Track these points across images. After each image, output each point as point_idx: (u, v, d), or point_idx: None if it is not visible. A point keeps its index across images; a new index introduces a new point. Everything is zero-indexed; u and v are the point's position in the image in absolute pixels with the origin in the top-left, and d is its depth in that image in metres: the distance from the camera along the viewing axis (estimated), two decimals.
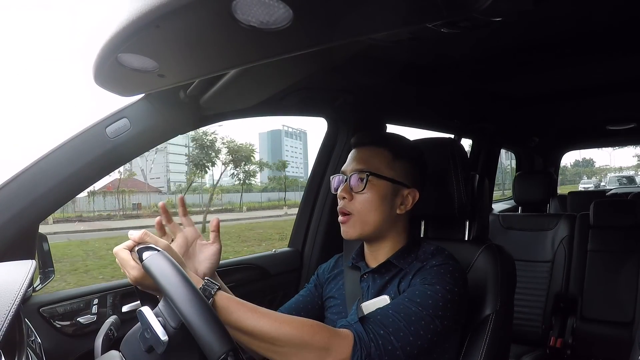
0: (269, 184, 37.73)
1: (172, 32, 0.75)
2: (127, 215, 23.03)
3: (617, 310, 2.52)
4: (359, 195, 1.10)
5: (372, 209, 1.10)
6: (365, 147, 1.15)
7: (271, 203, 30.14)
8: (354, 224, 1.11)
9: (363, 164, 1.11)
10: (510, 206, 4.19)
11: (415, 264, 1.10)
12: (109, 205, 24.59)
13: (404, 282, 1.08)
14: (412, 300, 0.97)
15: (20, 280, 0.72)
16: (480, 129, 2.94)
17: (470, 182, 1.31)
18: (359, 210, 1.10)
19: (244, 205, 26.98)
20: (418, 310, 0.95)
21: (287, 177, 35.25)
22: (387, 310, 0.96)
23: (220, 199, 26.08)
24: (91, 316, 1.29)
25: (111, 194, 24.36)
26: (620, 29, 1.34)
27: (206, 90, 1.27)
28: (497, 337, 1.14)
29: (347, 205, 1.10)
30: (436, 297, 0.97)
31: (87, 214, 22.68)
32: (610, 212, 2.76)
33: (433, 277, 1.01)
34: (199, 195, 28.82)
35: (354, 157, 1.15)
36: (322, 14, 0.70)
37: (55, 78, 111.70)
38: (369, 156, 1.13)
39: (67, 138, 1.22)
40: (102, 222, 19.77)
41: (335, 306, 1.22)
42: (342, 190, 1.11)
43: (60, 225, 16.47)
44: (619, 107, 2.62)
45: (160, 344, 0.76)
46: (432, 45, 1.32)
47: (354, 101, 1.79)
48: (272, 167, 35.34)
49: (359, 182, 1.10)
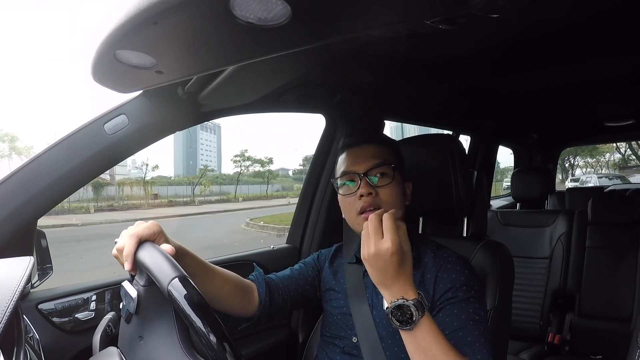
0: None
1: (170, 28, 0.75)
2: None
3: (615, 306, 2.53)
4: (383, 189, 1.12)
5: (398, 199, 1.13)
6: (368, 145, 1.17)
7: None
8: None
9: (379, 158, 1.13)
10: (509, 203, 4.20)
11: (426, 262, 1.13)
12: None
13: (427, 284, 1.10)
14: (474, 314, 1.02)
15: (19, 277, 0.73)
16: (478, 126, 2.94)
17: (468, 179, 1.31)
18: (387, 203, 1.11)
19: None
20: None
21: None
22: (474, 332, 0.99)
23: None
24: (89, 312, 1.29)
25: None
26: (619, 26, 1.34)
27: (204, 87, 1.27)
28: (495, 334, 1.15)
29: (374, 200, 1.11)
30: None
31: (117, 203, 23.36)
32: (609, 209, 2.76)
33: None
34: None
35: (362, 155, 1.15)
36: (320, 10, 0.70)
37: (53, 75, 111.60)
38: (380, 152, 1.15)
39: (66, 134, 1.22)
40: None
41: (335, 299, 1.23)
42: (364, 187, 1.11)
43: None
44: (617, 103, 2.62)
45: (131, 301, 0.87)
46: (430, 41, 1.31)
47: (352, 98, 1.79)
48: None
49: (384, 176, 1.13)
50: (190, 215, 21.14)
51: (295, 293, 1.26)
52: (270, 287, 1.22)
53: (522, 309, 2.63)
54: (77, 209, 21.14)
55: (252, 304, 1.19)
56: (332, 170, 1.93)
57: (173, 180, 35.68)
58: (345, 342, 1.16)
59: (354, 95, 1.77)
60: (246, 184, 34.94)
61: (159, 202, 27.00)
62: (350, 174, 1.15)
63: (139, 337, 0.87)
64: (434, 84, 1.90)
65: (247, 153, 33.09)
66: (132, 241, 0.90)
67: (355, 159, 1.15)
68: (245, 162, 32.81)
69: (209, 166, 39.03)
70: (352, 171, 1.14)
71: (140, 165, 20.84)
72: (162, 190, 31.44)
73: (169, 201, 28.00)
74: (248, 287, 1.19)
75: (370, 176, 1.12)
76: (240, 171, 33.46)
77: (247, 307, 1.19)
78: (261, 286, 1.21)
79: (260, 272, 1.26)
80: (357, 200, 1.11)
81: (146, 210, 23.76)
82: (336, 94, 1.75)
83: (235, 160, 33.33)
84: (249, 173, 34.99)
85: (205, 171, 31.27)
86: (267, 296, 1.20)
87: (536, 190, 2.99)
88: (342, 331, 1.18)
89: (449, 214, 1.39)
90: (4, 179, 1.15)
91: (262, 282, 1.22)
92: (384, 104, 2.05)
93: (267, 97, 1.45)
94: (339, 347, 1.18)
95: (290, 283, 1.27)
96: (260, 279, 1.23)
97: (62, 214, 17.82)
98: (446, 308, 1.03)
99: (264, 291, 1.20)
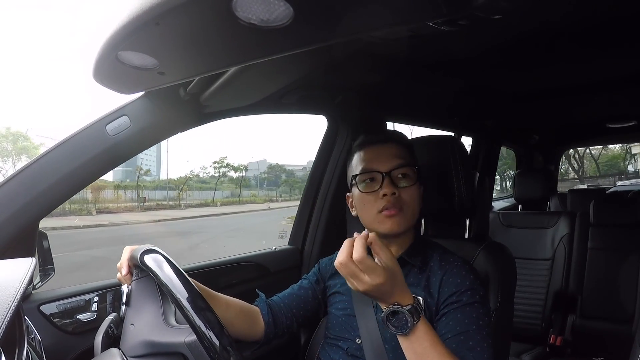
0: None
1: (172, 29, 0.75)
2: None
3: (617, 307, 2.52)
4: (406, 190, 1.11)
5: (419, 201, 1.14)
6: (393, 144, 1.16)
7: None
8: (405, 218, 1.12)
9: (402, 159, 1.13)
10: (511, 204, 4.19)
11: (432, 266, 1.13)
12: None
13: (432, 287, 1.10)
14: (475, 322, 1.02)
15: (20, 278, 0.72)
16: (480, 127, 2.94)
17: (470, 180, 1.31)
18: (409, 204, 1.11)
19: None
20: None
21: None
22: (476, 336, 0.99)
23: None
24: (91, 314, 1.29)
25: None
26: (622, 26, 1.34)
27: (206, 88, 1.27)
28: (497, 335, 1.14)
29: (397, 200, 1.10)
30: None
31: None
32: (611, 210, 2.76)
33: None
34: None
35: (387, 154, 1.14)
36: (322, 11, 0.70)
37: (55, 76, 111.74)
38: (402, 152, 1.15)
39: (68, 135, 1.22)
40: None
41: (340, 302, 1.23)
42: (388, 187, 1.10)
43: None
44: (619, 105, 2.62)
45: (123, 295, 1.02)
46: (432, 42, 1.31)
47: (354, 99, 1.79)
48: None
49: (407, 177, 1.12)
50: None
51: (299, 309, 1.28)
52: (272, 307, 1.25)
53: (524, 310, 2.63)
54: (78, 211, 21.22)
55: (259, 326, 1.22)
56: (333, 172, 1.93)
57: (155, 184, 35.41)
58: (349, 344, 1.16)
59: (356, 96, 1.77)
60: (196, 190, 34.75)
61: (148, 205, 27.15)
62: (372, 172, 1.14)
63: (131, 325, 0.96)
64: (436, 84, 1.90)
65: (226, 160, 33.51)
66: (125, 254, 1.05)
67: (377, 156, 1.14)
68: (223, 168, 33.25)
69: (148, 169, 38.14)
70: (374, 169, 1.13)
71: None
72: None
73: (157, 204, 28.17)
74: (252, 311, 1.23)
75: (393, 176, 1.11)
76: (219, 176, 33.92)
77: (254, 329, 1.21)
78: (263, 308, 1.24)
79: (262, 296, 1.29)
80: (378, 198, 1.10)
81: (142, 213, 23.91)
82: (338, 95, 1.75)
83: (215, 166, 33.79)
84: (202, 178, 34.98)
85: (140, 174, 30.96)
86: (270, 316, 1.22)
87: (538, 191, 2.98)
88: (346, 332, 1.18)
89: (451, 215, 1.38)
90: (6, 180, 1.15)
91: (263, 304, 1.25)
92: (386, 105, 2.04)
93: (269, 98, 1.45)
94: (342, 348, 1.17)
95: (292, 300, 1.28)
96: (262, 301, 1.26)
97: (64, 216, 18.00)
98: (450, 312, 1.03)
99: (267, 312, 1.23)
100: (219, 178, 33.62)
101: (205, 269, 1.60)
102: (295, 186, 37.87)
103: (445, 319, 1.03)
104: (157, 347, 0.91)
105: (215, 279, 1.58)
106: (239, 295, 1.23)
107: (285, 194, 39.31)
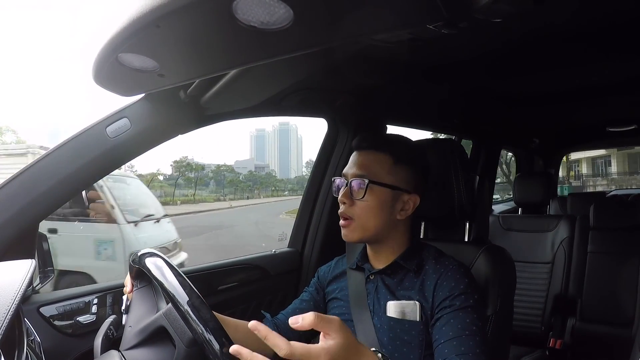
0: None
1: (173, 32, 0.75)
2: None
3: (617, 311, 2.51)
4: (359, 201, 1.10)
5: (371, 215, 1.10)
6: (366, 151, 1.14)
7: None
8: (354, 229, 1.11)
9: (363, 170, 1.11)
10: (510, 207, 4.19)
11: (427, 269, 1.11)
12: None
13: (427, 291, 1.08)
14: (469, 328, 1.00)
15: (20, 280, 0.72)
16: (480, 130, 2.94)
17: (470, 184, 1.30)
18: (359, 216, 1.10)
19: None
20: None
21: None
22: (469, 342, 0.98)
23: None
24: (91, 316, 1.29)
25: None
26: (622, 30, 1.34)
27: (206, 91, 1.27)
28: (496, 339, 1.14)
29: (348, 210, 1.10)
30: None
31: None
32: (611, 214, 2.75)
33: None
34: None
35: (354, 161, 1.14)
36: (322, 14, 0.70)
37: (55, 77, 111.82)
38: (370, 161, 1.12)
39: (68, 137, 1.23)
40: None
41: (338, 307, 1.22)
42: (343, 196, 1.11)
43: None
44: (620, 108, 2.62)
45: (124, 303, 1.06)
46: (433, 45, 1.31)
47: (354, 102, 1.79)
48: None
49: (358, 189, 1.10)
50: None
51: None
52: (279, 325, 1.24)
53: (524, 313, 2.62)
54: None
55: (268, 346, 1.21)
56: (333, 174, 1.93)
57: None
58: None
59: (356, 99, 1.77)
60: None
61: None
62: (342, 176, 1.15)
63: (129, 327, 0.97)
64: (436, 87, 1.90)
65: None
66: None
67: (354, 162, 1.14)
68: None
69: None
70: (343, 174, 1.15)
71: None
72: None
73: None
74: None
75: (352, 185, 1.11)
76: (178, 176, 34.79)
77: (264, 347, 1.20)
78: (270, 328, 1.22)
79: (267, 316, 1.28)
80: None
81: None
82: (338, 98, 1.75)
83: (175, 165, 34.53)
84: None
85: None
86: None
87: (538, 195, 2.97)
88: None
89: (451, 219, 1.38)
90: (6, 181, 1.15)
91: (269, 323, 1.24)
92: (386, 108, 2.04)
93: (269, 100, 1.45)
94: None
95: (295, 315, 1.27)
96: (268, 321, 1.26)
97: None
98: (443, 317, 1.02)
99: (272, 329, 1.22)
100: (177, 178, 34.55)
101: (204, 272, 1.60)
102: (239, 186, 39.74)
103: (439, 323, 1.02)
104: (145, 331, 0.94)
105: (214, 282, 1.57)
106: (239, 297, 1.23)
107: (231, 194, 40.66)
